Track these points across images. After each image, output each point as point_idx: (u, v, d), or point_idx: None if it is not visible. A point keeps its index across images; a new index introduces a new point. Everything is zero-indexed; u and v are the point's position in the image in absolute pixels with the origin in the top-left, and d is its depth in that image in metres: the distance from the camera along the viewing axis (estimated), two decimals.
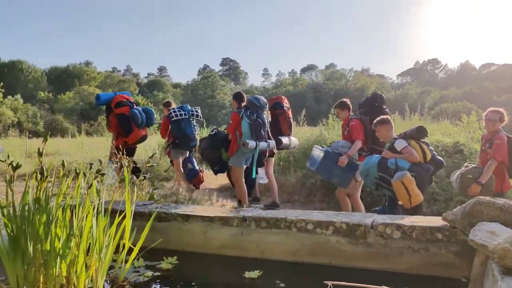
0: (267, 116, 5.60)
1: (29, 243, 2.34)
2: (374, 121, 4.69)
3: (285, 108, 6.09)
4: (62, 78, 65.47)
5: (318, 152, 5.16)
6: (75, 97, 48.82)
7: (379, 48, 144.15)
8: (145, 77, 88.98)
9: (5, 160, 2.60)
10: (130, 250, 2.70)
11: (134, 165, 5.64)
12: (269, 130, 5.59)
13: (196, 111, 6.47)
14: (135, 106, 5.99)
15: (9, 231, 2.38)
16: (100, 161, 2.75)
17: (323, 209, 6.08)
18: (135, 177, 4.65)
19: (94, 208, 2.46)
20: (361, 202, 5.25)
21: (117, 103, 5.90)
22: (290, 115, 6.18)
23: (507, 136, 4.42)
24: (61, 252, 2.33)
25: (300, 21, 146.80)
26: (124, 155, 4.55)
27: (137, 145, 6.35)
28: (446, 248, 2.68)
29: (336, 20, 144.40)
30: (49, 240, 2.32)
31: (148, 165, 2.90)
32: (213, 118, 46.63)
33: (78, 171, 2.55)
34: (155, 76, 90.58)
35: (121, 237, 2.66)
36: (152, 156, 2.92)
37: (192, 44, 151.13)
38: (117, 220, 2.52)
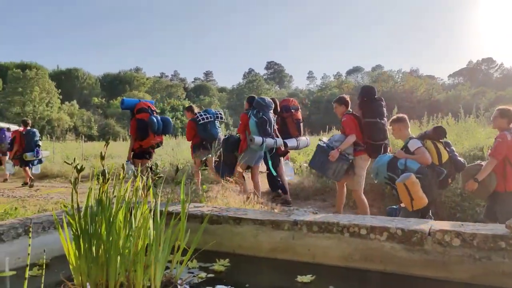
0: (273, 115, 5.91)
1: (92, 242, 2.46)
2: (390, 120, 4.68)
3: (292, 110, 6.37)
4: (114, 84, 68.33)
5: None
6: None
7: (429, 48, 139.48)
8: (192, 82, 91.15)
9: (71, 163, 2.75)
10: (184, 252, 2.77)
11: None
12: (276, 129, 5.90)
13: (220, 114, 6.87)
14: (155, 114, 6.34)
15: (73, 230, 2.51)
16: (156, 164, 2.84)
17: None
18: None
19: (151, 210, 2.54)
20: (364, 198, 5.23)
21: (139, 109, 6.27)
22: (299, 116, 6.44)
23: None
24: (121, 251, 2.43)
25: (346, 23, 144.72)
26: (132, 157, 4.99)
27: (155, 149, 6.67)
28: (510, 257, 2.54)
29: (383, 21, 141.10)
30: (110, 239, 2.42)
31: (201, 168, 2.96)
32: None
33: (136, 174, 2.66)
34: (201, 80, 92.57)
35: (176, 239, 2.74)
36: (205, 160, 2.98)
37: (237, 49, 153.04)
38: (173, 222, 2.58)
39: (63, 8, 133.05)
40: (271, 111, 5.93)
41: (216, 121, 6.75)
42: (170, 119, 6.74)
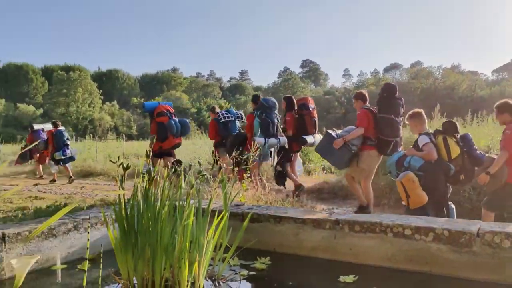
0: (276, 115, 6.18)
1: (138, 238, 2.53)
2: (406, 115, 4.70)
3: (310, 108, 6.51)
4: (152, 84, 69.93)
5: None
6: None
7: (471, 43, 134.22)
8: (228, 81, 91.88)
9: (116, 161, 2.84)
10: (225, 249, 2.81)
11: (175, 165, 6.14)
12: (280, 128, 6.17)
13: (240, 114, 7.20)
14: (173, 117, 6.56)
15: (120, 226, 2.60)
16: (199, 163, 2.89)
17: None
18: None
19: (194, 208, 2.59)
20: (370, 190, 5.32)
21: (158, 112, 6.50)
22: (315, 115, 6.59)
23: None
24: (166, 248, 2.48)
25: (382, 19, 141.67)
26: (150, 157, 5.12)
27: (175, 150, 6.93)
28: None
29: (422, 15, 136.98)
30: (155, 236, 2.49)
31: (242, 167, 2.99)
32: None
33: (179, 172, 2.71)
34: (237, 80, 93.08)
35: (218, 236, 2.77)
36: (246, 158, 3.00)
37: (272, 47, 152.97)
38: (216, 221, 2.62)
39: (103, 13, 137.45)
40: (275, 111, 6.15)
41: (236, 121, 7.06)
42: (188, 122, 6.92)
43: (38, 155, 10.87)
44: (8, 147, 22.59)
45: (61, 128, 10.13)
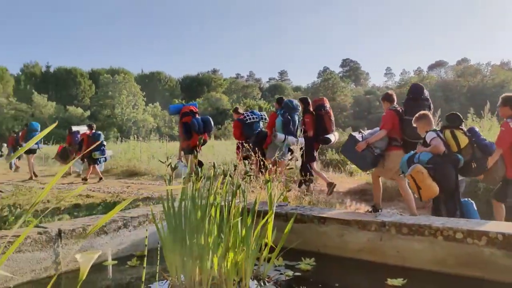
0: (298, 117, 6.54)
1: (186, 237, 2.59)
2: (413, 118, 4.82)
3: (327, 109, 6.84)
4: (193, 86, 71.18)
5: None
6: (204, 103, 52.59)
7: None
8: (267, 82, 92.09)
9: (165, 162, 2.93)
10: (270, 249, 2.82)
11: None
12: (300, 129, 6.51)
13: (264, 116, 7.50)
14: (196, 116, 7.01)
15: (169, 225, 2.67)
16: (244, 163, 2.92)
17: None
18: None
19: (240, 208, 2.62)
20: (408, 190, 5.23)
21: (183, 113, 7.02)
22: (332, 114, 6.93)
23: None
24: (213, 247, 2.53)
25: (426, 16, 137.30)
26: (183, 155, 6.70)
27: (201, 147, 7.38)
28: None
29: (468, 9, 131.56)
30: (203, 235, 2.54)
31: (288, 167, 2.99)
32: (335, 120, 46.03)
33: (225, 172, 2.75)
34: (276, 80, 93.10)
35: (264, 236, 2.79)
36: (292, 158, 3.01)
37: (312, 47, 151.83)
38: (262, 222, 2.63)
39: (145, 19, 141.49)
40: (297, 113, 6.53)
41: (260, 122, 7.38)
42: (210, 119, 7.36)
43: (75, 155, 11.43)
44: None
45: (98, 132, 10.75)
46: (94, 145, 9.80)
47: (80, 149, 10.77)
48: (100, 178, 10.43)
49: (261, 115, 7.45)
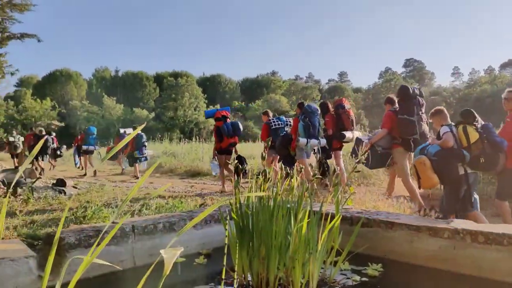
0: (318, 119, 6.99)
1: (254, 237, 2.63)
2: (429, 114, 5.17)
3: (346, 108, 7.30)
4: (253, 88, 71.94)
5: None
6: (264, 105, 52.92)
7: None
8: (326, 83, 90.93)
9: (230, 163, 3.00)
10: (336, 253, 2.78)
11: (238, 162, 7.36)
12: (321, 131, 7.03)
13: (290, 121, 7.95)
14: (227, 121, 7.70)
15: (236, 225, 2.73)
16: (311, 165, 2.91)
17: None
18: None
19: (307, 210, 2.61)
20: (412, 185, 5.63)
21: (216, 118, 7.77)
22: (352, 113, 7.31)
23: None
24: (280, 247, 2.55)
25: (497, 12, 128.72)
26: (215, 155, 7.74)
27: (232, 148, 7.92)
28: None
29: None
30: (270, 235, 2.56)
31: (354, 170, 2.94)
32: None
33: (291, 174, 2.76)
34: (335, 81, 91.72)
35: (330, 240, 2.76)
36: (359, 162, 2.95)
37: (373, 47, 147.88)
38: (329, 225, 2.61)
39: (206, 24, 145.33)
40: (317, 116, 6.97)
41: (285, 127, 7.89)
42: (239, 123, 8.10)
43: (122, 154, 12.65)
44: None
45: (140, 132, 11.82)
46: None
47: (126, 148, 11.88)
48: (136, 177, 11.36)
49: (287, 121, 7.96)
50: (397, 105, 5.97)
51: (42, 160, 13.30)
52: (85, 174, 12.83)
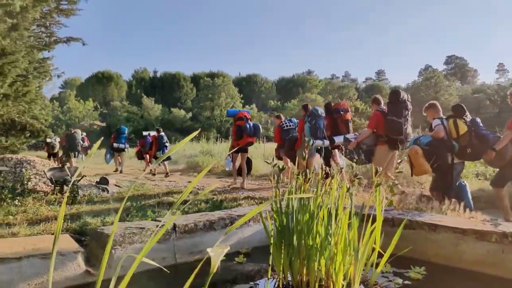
0: (323, 122, 7.31)
1: (294, 237, 2.62)
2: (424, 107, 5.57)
3: (341, 112, 7.53)
4: (288, 87, 71.70)
5: None
6: (299, 104, 52.60)
7: None
8: (363, 82, 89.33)
9: (270, 163, 3.00)
10: (378, 255, 2.73)
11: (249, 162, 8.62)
12: (325, 133, 7.31)
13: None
14: (249, 121, 8.10)
15: (276, 225, 2.73)
16: (352, 165, 2.88)
17: None
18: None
19: (348, 211, 2.58)
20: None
21: (238, 117, 8.10)
22: (348, 117, 7.59)
23: None
24: (320, 248, 2.53)
25: None
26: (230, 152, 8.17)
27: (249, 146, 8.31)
28: None
29: None
30: (310, 236, 2.55)
31: (397, 171, 2.88)
32: None
33: (332, 174, 2.74)
34: (373, 80, 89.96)
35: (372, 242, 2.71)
36: (400, 162, 2.89)
37: (411, 45, 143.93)
38: (371, 227, 2.57)
39: (241, 25, 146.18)
40: (322, 119, 7.29)
41: (296, 129, 8.25)
42: (259, 126, 8.41)
43: (147, 155, 13.45)
44: None
45: (162, 133, 12.61)
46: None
47: (151, 148, 12.70)
48: (153, 174, 12.19)
49: (297, 123, 8.24)
50: (383, 105, 6.44)
51: (75, 157, 14.25)
52: (116, 170, 13.63)
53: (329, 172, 2.76)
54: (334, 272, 2.48)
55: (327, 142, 7.41)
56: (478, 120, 5.12)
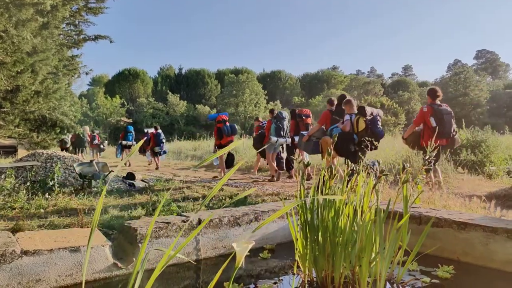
0: (287, 124, 8.77)
1: (319, 233, 2.61)
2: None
3: (303, 117, 9.11)
4: (313, 84, 71.16)
5: None
6: (324, 101, 52.15)
7: None
8: (389, 78, 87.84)
9: (296, 159, 2.99)
10: (404, 253, 2.68)
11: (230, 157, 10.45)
12: (288, 132, 8.75)
13: (287, 116, 9.49)
14: (226, 124, 9.51)
15: (301, 221, 2.72)
16: (378, 162, 2.84)
17: None
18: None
19: (374, 208, 2.55)
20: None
21: (217, 121, 9.54)
22: (308, 121, 9.10)
23: None
24: (346, 245, 2.50)
25: None
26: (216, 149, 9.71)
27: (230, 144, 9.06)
28: None
29: None
30: (336, 232, 2.53)
31: (424, 167, 2.82)
32: (466, 117, 41.94)
33: (359, 171, 2.70)
34: (399, 75, 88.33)
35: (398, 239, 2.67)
36: (429, 158, 2.82)
37: (440, 39, 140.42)
38: (397, 224, 2.52)
39: (265, 20, 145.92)
40: (286, 121, 8.69)
41: (286, 119, 9.28)
42: (236, 126, 9.78)
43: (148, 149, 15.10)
44: (189, 143, 25.72)
45: (159, 131, 14.40)
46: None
47: (149, 143, 14.36)
48: (157, 168, 13.48)
49: (286, 115, 9.42)
50: (334, 107, 7.79)
51: (81, 153, 16.53)
52: (125, 164, 15.12)
53: (354, 169, 2.73)
54: (360, 269, 2.45)
55: (289, 140, 8.95)
56: (377, 118, 6.24)
